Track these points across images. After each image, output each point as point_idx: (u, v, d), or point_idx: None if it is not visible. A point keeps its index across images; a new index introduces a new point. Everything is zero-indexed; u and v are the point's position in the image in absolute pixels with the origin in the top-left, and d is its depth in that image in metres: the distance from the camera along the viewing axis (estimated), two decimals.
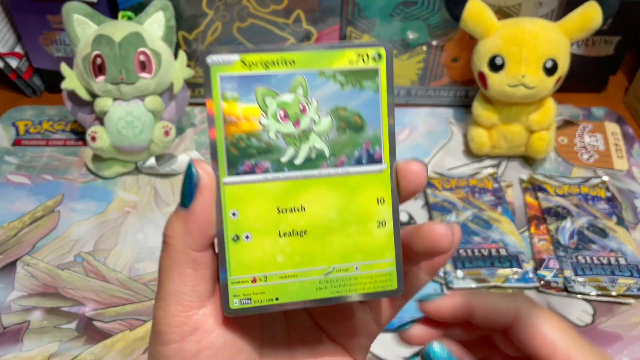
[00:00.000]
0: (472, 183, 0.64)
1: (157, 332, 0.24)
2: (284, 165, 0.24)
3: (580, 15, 0.60)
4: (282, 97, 0.24)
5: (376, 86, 0.24)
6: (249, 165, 0.24)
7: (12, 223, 0.59)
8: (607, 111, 0.75)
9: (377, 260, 0.25)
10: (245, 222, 0.24)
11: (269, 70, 0.24)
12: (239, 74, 0.24)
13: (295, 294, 0.25)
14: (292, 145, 0.24)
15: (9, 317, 0.52)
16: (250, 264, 0.24)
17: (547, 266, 0.56)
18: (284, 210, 0.24)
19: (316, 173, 0.24)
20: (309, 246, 0.25)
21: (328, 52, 0.24)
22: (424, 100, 0.76)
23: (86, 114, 0.63)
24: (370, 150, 0.25)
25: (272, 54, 0.24)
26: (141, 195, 0.63)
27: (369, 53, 0.24)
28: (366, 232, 0.25)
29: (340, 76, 0.24)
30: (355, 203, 0.25)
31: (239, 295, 0.24)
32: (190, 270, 0.24)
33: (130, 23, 0.60)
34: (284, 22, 0.68)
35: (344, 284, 0.25)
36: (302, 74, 0.24)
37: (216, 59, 0.23)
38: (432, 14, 0.67)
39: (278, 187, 0.24)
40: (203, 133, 0.71)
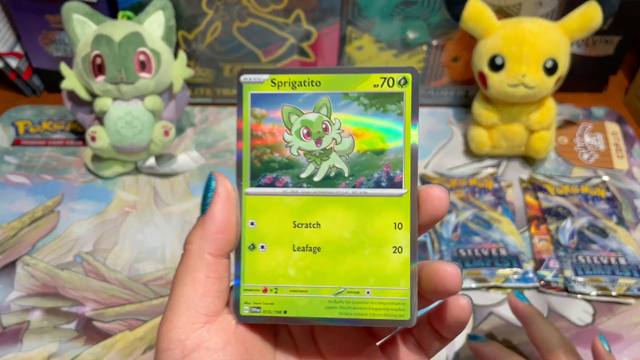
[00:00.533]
0: (472, 183, 0.64)
1: (159, 350, 0.24)
2: (304, 181, 0.25)
3: (581, 15, 0.60)
4: (307, 116, 0.25)
5: (400, 110, 0.25)
6: (270, 178, 0.25)
7: (12, 223, 0.59)
8: (608, 111, 0.75)
9: (391, 287, 0.25)
10: (262, 233, 0.25)
11: (295, 90, 0.25)
12: (268, 92, 0.25)
13: (304, 310, 0.25)
14: (313, 162, 0.25)
15: (8, 317, 0.52)
16: (263, 274, 0.25)
17: (547, 266, 0.56)
18: (300, 225, 0.25)
19: (334, 191, 0.25)
20: (322, 263, 0.25)
21: (354, 75, 0.25)
22: (424, 100, 0.76)
23: (86, 114, 0.63)
24: (391, 173, 0.25)
25: (300, 75, 0.25)
26: (141, 195, 0.63)
27: (395, 77, 0.25)
28: (381, 256, 0.25)
29: (365, 99, 0.25)
30: (371, 225, 0.25)
31: (250, 302, 0.25)
32: (202, 277, 0.24)
33: (130, 23, 0.60)
34: (284, 22, 0.68)
35: (353, 306, 0.25)
36: (327, 95, 0.25)
37: (248, 77, 0.25)
38: (432, 13, 0.67)
39: (296, 202, 0.25)
40: (203, 133, 0.71)
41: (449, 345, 0.50)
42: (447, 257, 0.56)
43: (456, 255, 0.56)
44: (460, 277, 0.24)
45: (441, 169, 0.67)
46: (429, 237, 0.59)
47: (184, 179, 0.65)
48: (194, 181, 0.64)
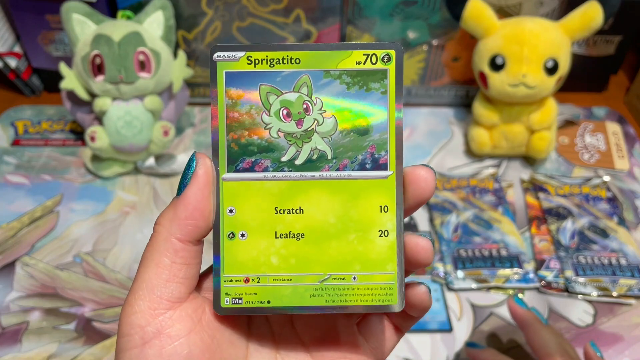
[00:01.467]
0: (472, 183, 0.64)
1: (120, 335, 0.23)
2: (284, 165, 0.24)
3: (581, 14, 0.60)
4: (286, 96, 0.24)
5: (384, 88, 0.24)
6: (249, 163, 0.24)
7: (11, 223, 0.59)
8: (608, 111, 0.75)
9: (377, 271, 0.24)
10: (242, 220, 0.24)
11: (274, 68, 0.23)
12: (244, 70, 0.23)
13: (288, 299, 0.24)
14: (294, 145, 0.24)
15: (7, 318, 0.51)
16: (244, 263, 0.24)
17: (548, 266, 0.56)
18: (282, 210, 0.24)
19: (317, 175, 0.24)
20: (306, 250, 0.24)
21: (335, 52, 0.24)
22: (425, 99, 0.75)
23: (85, 114, 0.63)
24: (376, 154, 0.24)
25: (278, 52, 0.23)
26: (140, 195, 0.63)
27: (378, 54, 0.24)
28: (367, 240, 0.24)
29: (347, 77, 0.24)
30: (356, 209, 0.24)
31: (231, 294, 0.24)
32: (167, 261, 0.23)
33: (130, 22, 0.60)
34: (284, 22, 0.67)
35: (339, 293, 0.24)
36: (307, 73, 0.24)
37: (222, 55, 0.23)
38: (433, 13, 0.67)
39: (277, 187, 0.24)
40: (202, 133, 0.70)
41: (450, 346, 0.50)
42: (447, 257, 0.56)
43: (456, 256, 0.56)
44: (432, 250, 0.24)
45: (442, 169, 0.67)
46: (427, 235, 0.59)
47: None
48: None
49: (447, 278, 0.55)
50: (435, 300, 0.53)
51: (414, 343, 0.50)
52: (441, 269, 0.56)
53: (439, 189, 0.63)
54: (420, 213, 0.61)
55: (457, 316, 0.52)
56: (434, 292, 0.54)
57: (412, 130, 0.72)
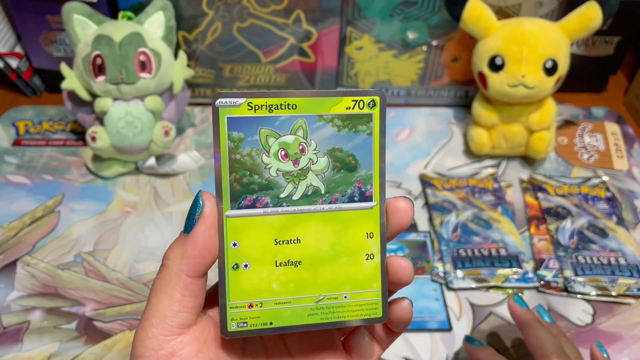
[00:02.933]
0: (472, 183, 0.64)
1: (134, 355, 0.25)
2: (283, 200, 0.26)
3: (581, 15, 0.60)
4: (284, 138, 0.26)
5: (370, 130, 0.27)
6: (251, 200, 0.26)
7: (12, 223, 0.59)
8: (607, 111, 0.75)
9: (365, 290, 0.27)
10: (245, 252, 0.26)
11: (272, 113, 0.26)
12: (245, 116, 0.25)
13: (288, 319, 0.27)
14: (291, 182, 0.26)
15: (9, 317, 0.52)
16: (247, 291, 0.26)
17: (547, 266, 0.56)
18: (281, 242, 0.26)
19: (312, 208, 0.27)
20: (303, 275, 0.27)
21: (327, 99, 0.26)
22: (424, 100, 0.76)
23: (86, 114, 0.63)
24: (362, 188, 0.27)
25: (276, 98, 0.26)
26: (141, 195, 0.63)
27: (365, 100, 0.26)
28: (355, 263, 0.27)
29: (338, 120, 0.26)
30: (346, 237, 0.27)
31: (237, 319, 0.26)
32: (178, 295, 0.25)
33: (130, 23, 0.60)
34: (284, 22, 0.68)
35: (333, 311, 0.27)
36: (302, 118, 0.26)
37: (224, 101, 0.25)
38: (432, 14, 0.67)
39: (276, 221, 0.26)
40: (203, 133, 0.71)
41: (449, 345, 0.50)
42: (447, 257, 0.56)
43: (456, 255, 0.56)
44: (412, 270, 0.27)
45: (441, 169, 0.67)
46: (429, 238, 0.59)
47: (184, 179, 0.65)
48: (194, 181, 0.65)
49: (446, 277, 0.55)
50: (435, 300, 0.54)
51: (413, 343, 0.50)
52: (441, 269, 0.56)
53: (439, 189, 0.63)
54: (420, 213, 0.62)
55: (457, 316, 0.53)
56: (433, 292, 0.54)
57: (412, 131, 0.72)
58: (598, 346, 0.44)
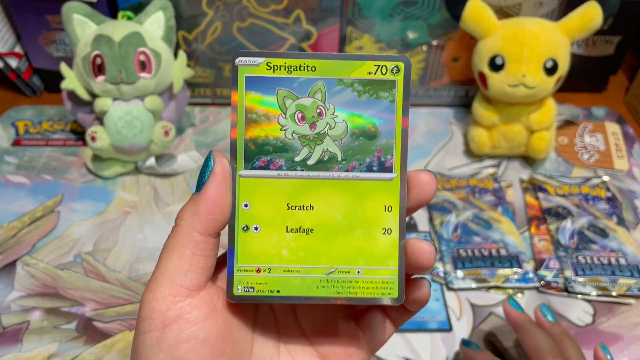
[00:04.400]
0: (472, 183, 0.64)
1: (141, 318, 0.24)
2: (297, 164, 0.26)
3: (581, 15, 0.60)
4: (301, 100, 0.25)
5: (392, 97, 0.26)
6: (265, 161, 0.26)
7: (12, 223, 0.59)
8: (608, 111, 0.75)
9: (380, 266, 0.26)
10: (256, 214, 0.26)
11: (291, 75, 0.25)
12: (264, 75, 0.25)
13: (297, 289, 0.26)
14: (307, 146, 0.26)
15: (8, 318, 0.52)
16: (256, 255, 0.26)
17: (548, 266, 0.56)
18: (293, 207, 0.26)
19: (327, 175, 0.26)
20: (314, 244, 0.26)
21: (348, 62, 0.25)
22: (424, 100, 0.76)
23: (86, 114, 0.63)
24: (382, 158, 0.26)
25: (296, 59, 0.25)
26: (141, 195, 0.63)
27: (388, 65, 0.26)
28: (371, 237, 0.26)
29: (358, 85, 0.26)
30: (362, 208, 0.26)
31: (243, 282, 0.26)
32: (189, 253, 0.24)
33: (130, 23, 0.60)
34: (284, 22, 0.68)
35: (344, 285, 0.26)
36: (322, 80, 0.25)
37: (244, 60, 0.25)
38: (432, 13, 0.67)
39: (290, 185, 0.26)
40: (203, 133, 0.71)
41: (449, 345, 0.50)
42: (447, 257, 0.56)
43: (456, 255, 0.56)
44: (434, 254, 0.26)
45: (441, 169, 0.67)
46: (429, 238, 0.59)
47: (184, 179, 0.65)
48: (194, 181, 0.64)
49: (446, 278, 0.55)
50: (435, 300, 0.54)
51: (413, 343, 0.50)
52: (441, 269, 0.56)
53: (439, 189, 0.63)
54: (420, 213, 0.62)
55: (457, 316, 0.53)
56: (433, 292, 0.54)
57: (412, 131, 0.72)
58: (602, 348, 0.44)
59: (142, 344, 0.24)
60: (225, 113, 0.74)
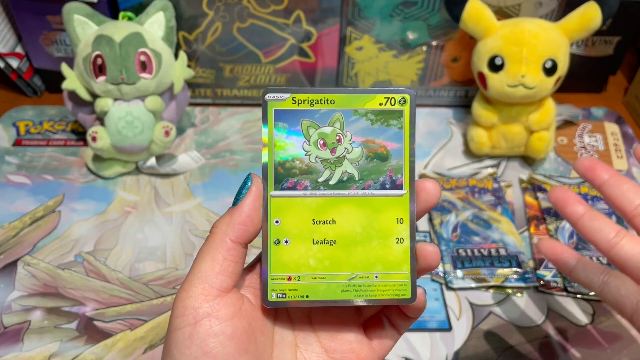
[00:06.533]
0: (472, 183, 0.64)
1: (174, 316, 0.27)
2: (321, 184, 0.29)
3: (580, 15, 0.60)
4: (323, 129, 0.29)
5: (400, 125, 0.29)
6: (292, 182, 0.29)
7: (13, 223, 0.60)
8: (607, 111, 0.75)
9: (395, 271, 0.30)
10: (286, 229, 0.29)
11: (313, 107, 0.29)
12: (289, 109, 0.29)
13: (323, 294, 0.29)
14: (328, 168, 0.29)
15: (9, 317, 0.52)
16: (287, 265, 0.29)
17: (547, 266, 0.56)
18: (318, 222, 0.29)
19: (346, 193, 0.29)
20: (337, 254, 0.29)
21: (362, 95, 0.29)
22: (424, 100, 0.76)
23: (86, 114, 0.63)
24: (393, 177, 0.30)
25: (317, 94, 0.29)
26: (141, 195, 0.63)
27: (396, 97, 0.29)
28: (386, 246, 0.30)
29: (371, 115, 0.29)
30: (378, 221, 0.29)
31: (276, 289, 0.29)
32: (220, 257, 0.27)
33: (131, 23, 0.60)
34: (284, 22, 0.68)
35: (365, 289, 0.29)
36: (340, 112, 0.29)
37: (272, 96, 0.29)
38: (432, 14, 0.67)
39: (314, 202, 0.29)
40: (203, 133, 0.71)
41: (449, 345, 0.50)
42: (446, 256, 0.56)
43: (456, 255, 0.56)
44: (439, 254, 0.30)
45: (441, 169, 0.67)
46: (428, 237, 0.59)
47: (184, 179, 0.65)
48: (195, 181, 0.65)
49: (446, 277, 0.55)
50: (435, 300, 0.54)
51: (413, 342, 0.51)
52: (440, 269, 0.56)
53: None
54: None
55: (457, 315, 0.53)
56: (433, 291, 0.54)
57: None
58: None
59: (174, 339, 0.27)
60: (226, 113, 0.74)
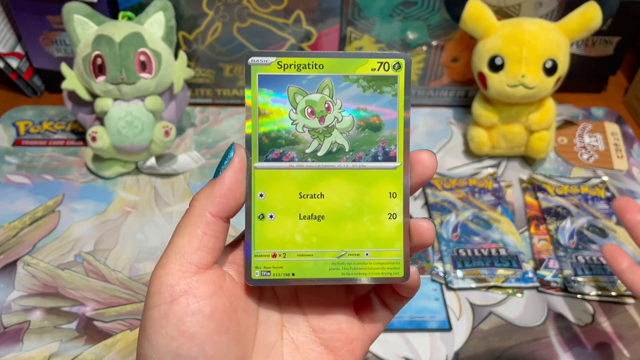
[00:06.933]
0: (472, 183, 0.64)
1: (150, 293, 0.25)
2: (308, 155, 0.27)
3: (580, 15, 0.60)
4: (311, 96, 0.27)
5: (394, 92, 0.28)
6: (278, 154, 0.27)
7: (13, 223, 0.60)
8: (607, 111, 0.75)
9: (387, 248, 0.28)
10: (271, 203, 0.28)
11: (300, 72, 0.27)
12: (275, 74, 0.27)
13: (310, 272, 0.28)
14: (317, 138, 0.27)
15: (9, 317, 0.52)
16: (272, 241, 0.28)
17: (547, 266, 0.56)
18: (305, 195, 0.28)
19: (336, 165, 0.28)
20: (325, 230, 0.28)
21: (353, 59, 0.27)
22: (424, 100, 0.76)
23: (86, 114, 0.63)
24: (386, 148, 0.28)
25: (305, 58, 0.27)
26: (141, 195, 0.63)
27: (390, 62, 0.27)
28: (378, 222, 0.28)
29: (363, 81, 0.27)
30: (369, 195, 0.28)
31: (260, 267, 0.28)
32: (200, 232, 0.26)
33: (131, 23, 0.60)
34: (284, 22, 0.68)
35: (354, 267, 0.28)
36: (329, 77, 0.27)
37: (256, 60, 0.27)
38: (432, 14, 0.67)
39: (301, 175, 0.27)
40: (203, 133, 0.71)
41: (449, 345, 0.50)
42: (447, 257, 0.56)
43: (456, 255, 0.56)
44: (434, 230, 0.28)
45: (441, 169, 0.67)
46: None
47: (184, 179, 0.65)
48: (195, 181, 0.65)
49: (446, 277, 0.55)
50: (435, 300, 0.54)
51: (413, 342, 0.51)
52: (440, 269, 0.56)
53: (439, 189, 0.63)
54: (420, 213, 0.62)
55: (457, 315, 0.53)
56: (433, 292, 0.54)
57: (412, 131, 0.72)
58: None
59: (150, 318, 0.25)
60: (226, 113, 0.74)
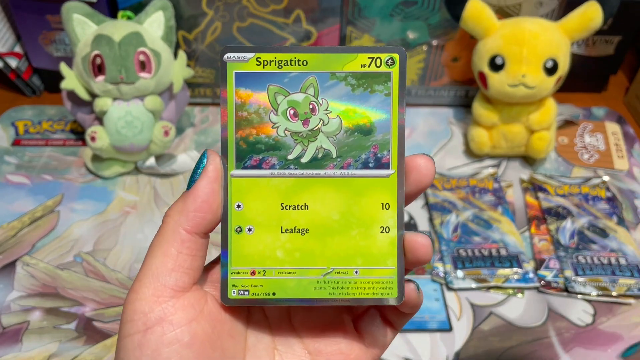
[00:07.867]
0: (472, 183, 0.64)
1: (123, 321, 0.23)
2: (291, 162, 0.25)
3: (581, 15, 0.60)
4: (293, 96, 0.24)
5: (387, 91, 0.25)
6: (257, 160, 0.25)
7: (12, 223, 0.59)
8: (608, 111, 0.75)
9: (378, 266, 0.25)
10: (249, 215, 0.25)
11: (282, 70, 0.24)
12: (253, 71, 0.24)
13: (293, 291, 0.25)
14: (300, 143, 0.25)
15: (8, 318, 0.52)
16: (250, 257, 0.25)
17: (548, 266, 0.56)
18: (288, 206, 0.25)
19: (322, 173, 0.25)
20: (310, 245, 0.25)
21: (341, 55, 0.24)
22: (424, 100, 0.76)
23: (86, 114, 0.63)
24: (378, 154, 0.25)
25: (286, 54, 0.24)
26: (141, 195, 0.63)
27: (382, 57, 0.24)
28: (369, 236, 0.25)
29: (352, 79, 0.24)
30: (359, 206, 0.25)
31: (238, 286, 0.25)
32: (174, 251, 0.23)
33: (130, 23, 0.60)
34: (284, 22, 0.68)
35: (342, 286, 0.25)
36: (314, 75, 0.24)
37: (232, 56, 0.24)
38: (432, 13, 0.67)
39: (283, 184, 0.25)
40: (203, 133, 0.71)
41: (449, 345, 0.50)
42: (447, 257, 0.56)
43: (456, 255, 0.56)
44: (431, 247, 0.25)
45: (441, 169, 0.67)
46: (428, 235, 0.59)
47: (184, 178, 0.65)
48: None
49: (446, 278, 0.55)
50: (435, 300, 0.54)
51: (413, 343, 0.50)
52: (441, 269, 0.56)
53: (439, 189, 0.63)
54: (420, 213, 0.62)
55: (457, 316, 0.52)
56: (433, 292, 0.54)
57: (412, 130, 0.72)
58: None
59: (123, 348, 0.23)
60: None
